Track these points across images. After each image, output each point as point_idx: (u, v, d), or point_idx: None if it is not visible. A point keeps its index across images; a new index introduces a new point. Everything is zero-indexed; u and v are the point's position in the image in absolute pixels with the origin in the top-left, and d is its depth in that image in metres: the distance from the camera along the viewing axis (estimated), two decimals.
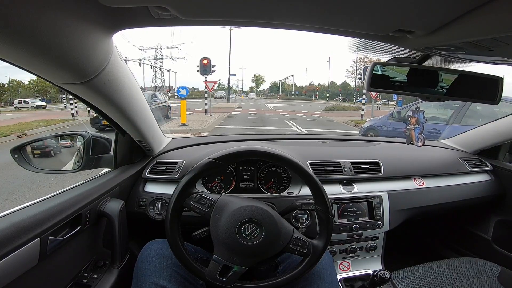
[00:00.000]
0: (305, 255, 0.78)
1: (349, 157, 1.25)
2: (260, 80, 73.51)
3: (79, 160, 1.02)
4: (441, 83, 0.75)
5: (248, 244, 0.73)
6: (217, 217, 0.76)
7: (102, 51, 0.57)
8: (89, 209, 0.83)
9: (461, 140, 1.54)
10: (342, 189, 1.17)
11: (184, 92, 9.08)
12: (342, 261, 1.18)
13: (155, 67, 43.20)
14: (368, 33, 0.59)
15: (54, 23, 0.43)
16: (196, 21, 0.55)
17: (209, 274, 0.74)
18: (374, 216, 1.14)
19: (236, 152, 0.80)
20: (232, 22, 0.56)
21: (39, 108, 20.69)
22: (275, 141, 1.50)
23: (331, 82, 59.71)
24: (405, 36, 0.57)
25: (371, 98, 12.40)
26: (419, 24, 0.51)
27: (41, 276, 0.67)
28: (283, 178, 1.16)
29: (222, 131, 8.85)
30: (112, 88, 0.68)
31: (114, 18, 0.52)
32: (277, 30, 0.56)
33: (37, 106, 21.13)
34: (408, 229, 1.29)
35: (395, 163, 1.28)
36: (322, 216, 0.81)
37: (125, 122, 0.89)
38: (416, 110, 0.97)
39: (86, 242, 0.86)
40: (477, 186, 1.35)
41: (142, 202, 1.08)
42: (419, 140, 0.99)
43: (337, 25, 0.55)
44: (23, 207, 0.67)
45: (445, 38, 0.55)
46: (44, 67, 0.52)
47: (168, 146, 1.28)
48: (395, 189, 1.21)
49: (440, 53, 0.66)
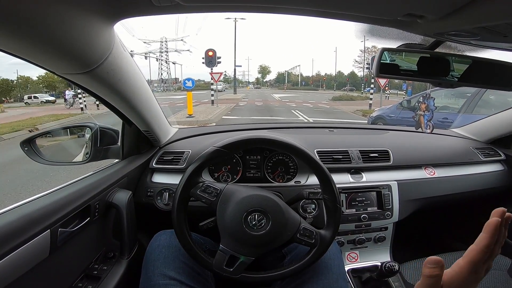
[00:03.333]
0: (312, 246, 0.77)
1: (357, 145, 1.23)
2: (266, 71, 72.91)
3: (88, 151, 1.03)
4: (452, 72, 0.72)
5: (255, 234, 0.73)
6: (223, 207, 0.76)
7: (104, 41, 0.56)
8: (98, 200, 0.83)
9: (474, 129, 1.49)
10: (350, 178, 1.15)
11: (190, 84, 9.09)
12: (350, 252, 1.17)
13: (161, 60, 43.24)
14: (376, 17, 0.56)
15: (55, 12, 0.43)
16: (197, 7, 0.54)
17: (215, 265, 0.74)
18: (383, 206, 1.12)
19: (242, 140, 0.79)
20: (235, 7, 0.54)
21: (48, 103, 20.94)
22: (282, 129, 1.49)
23: (338, 72, 58.93)
24: (415, 21, 0.54)
25: (379, 88, 12.12)
26: (430, 7, 0.48)
27: (52, 268, 0.67)
28: (290, 167, 1.15)
29: (229, 122, 8.86)
30: (116, 78, 0.68)
31: (115, 7, 0.51)
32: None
33: (46, 101, 21.36)
34: (418, 220, 1.27)
35: (405, 152, 1.25)
36: (330, 205, 0.80)
37: (131, 112, 0.89)
38: (427, 96, 0.94)
39: (95, 234, 0.87)
40: (489, 176, 1.31)
41: (150, 192, 1.09)
42: (427, 127, 0.97)
43: (343, 9, 0.52)
44: (33, 199, 0.68)
45: (457, 22, 0.52)
46: (47, 58, 0.52)
47: (175, 136, 1.28)
48: (405, 178, 1.18)
49: (452, 39, 0.63)
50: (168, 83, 42.11)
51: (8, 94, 31.93)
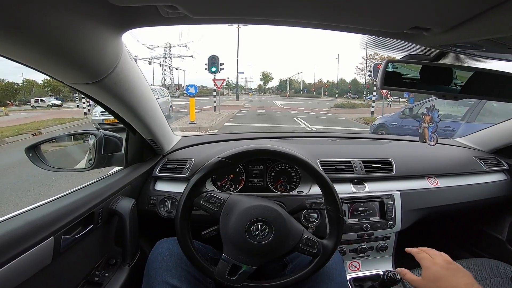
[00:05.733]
0: (314, 255, 0.77)
1: (360, 155, 1.23)
2: (268, 78, 73.31)
3: (91, 158, 1.03)
4: (455, 80, 0.72)
5: (258, 243, 0.73)
6: (226, 217, 0.76)
7: (112, 51, 0.57)
8: (102, 208, 0.84)
9: (477, 139, 1.49)
10: (353, 188, 1.15)
11: (193, 90, 9.13)
12: (352, 261, 1.17)
13: (164, 65, 43.68)
14: (382, 30, 0.56)
15: (64, 23, 0.43)
16: (205, 19, 0.54)
17: (218, 273, 0.74)
18: (385, 216, 1.12)
19: (245, 151, 0.80)
20: (242, 20, 0.55)
21: (55, 106, 21.05)
22: (284, 139, 1.49)
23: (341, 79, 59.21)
24: (421, 34, 0.54)
25: (381, 95, 12.15)
26: (437, 21, 0.49)
27: (54, 275, 0.68)
28: (293, 177, 1.15)
29: (231, 129, 8.87)
30: (123, 88, 0.69)
31: (123, 17, 0.52)
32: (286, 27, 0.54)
33: (53, 105, 21.51)
34: (421, 229, 1.26)
35: (408, 162, 1.25)
36: (333, 215, 0.80)
37: (136, 121, 0.90)
38: (431, 108, 0.94)
39: (98, 241, 0.87)
40: (492, 186, 1.31)
41: (152, 200, 1.09)
42: (432, 139, 0.97)
43: (350, 23, 0.53)
44: (37, 206, 0.68)
45: (463, 35, 0.52)
46: (55, 68, 0.53)
47: (178, 144, 1.29)
48: (407, 188, 1.18)
49: (457, 51, 0.64)
50: (171, 89, 42.45)
51: (13, 97, 32.27)
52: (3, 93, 30.88)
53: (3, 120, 12.17)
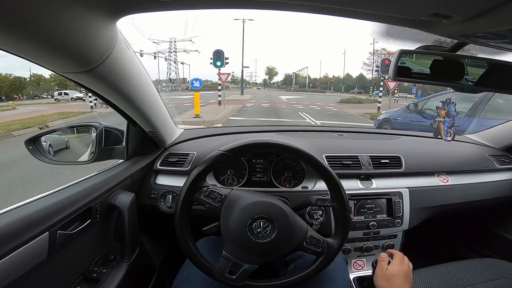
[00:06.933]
0: (318, 254, 0.74)
1: (368, 150, 1.19)
2: (273, 72, 72.88)
3: (93, 151, 1.02)
4: (466, 75, 0.68)
5: (260, 241, 0.70)
6: (227, 213, 0.73)
7: (105, 38, 0.54)
8: (100, 202, 0.81)
9: (489, 135, 1.45)
10: (360, 185, 1.12)
11: (198, 84, 9.20)
12: (357, 260, 1.14)
13: (170, 60, 43.66)
14: (399, 17, 0.52)
15: (53, 8, 0.41)
16: (202, 3, 0.51)
17: (218, 272, 0.72)
18: (393, 213, 1.08)
19: (248, 144, 0.77)
20: (242, 3, 0.52)
21: (79, 100, 20.13)
22: (289, 133, 1.46)
23: (347, 74, 58.60)
24: (440, 22, 0.50)
25: (388, 91, 11.95)
26: (459, 7, 0.45)
27: (49, 271, 0.66)
28: (298, 172, 1.12)
29: (235, 123, 8.86)
30: (118, 77, 0.66)
31: (117, 2, 0.49)
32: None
33: (77, 98, 20.66)
34: (428, 228, 1.23)
35: (417, 158, 1.21)
36: (339, 213, 0.77)
37: (135, 113, 0.87)
38: (447, 101, 0.89)
39: (96, 236, 0.85)
40: (504, 184, 1.27)
41: (153, 194, 1.07)
42: (448, 134, 0.92)
43: (364, 7, 0.48)
44: (32, 200, 0.66)
45: (486, 24, 0.48)
46: (44, 56, 0.50)
47: (180, 137, 1.26)
48: (416, 185, 1.14)
49: (477, 41, 0.59)
50: (176, 83, 42.47)
51: (21, 91, 32.62)
52: (11, 88, 31.19)
53: (11, 114, 12.30)
